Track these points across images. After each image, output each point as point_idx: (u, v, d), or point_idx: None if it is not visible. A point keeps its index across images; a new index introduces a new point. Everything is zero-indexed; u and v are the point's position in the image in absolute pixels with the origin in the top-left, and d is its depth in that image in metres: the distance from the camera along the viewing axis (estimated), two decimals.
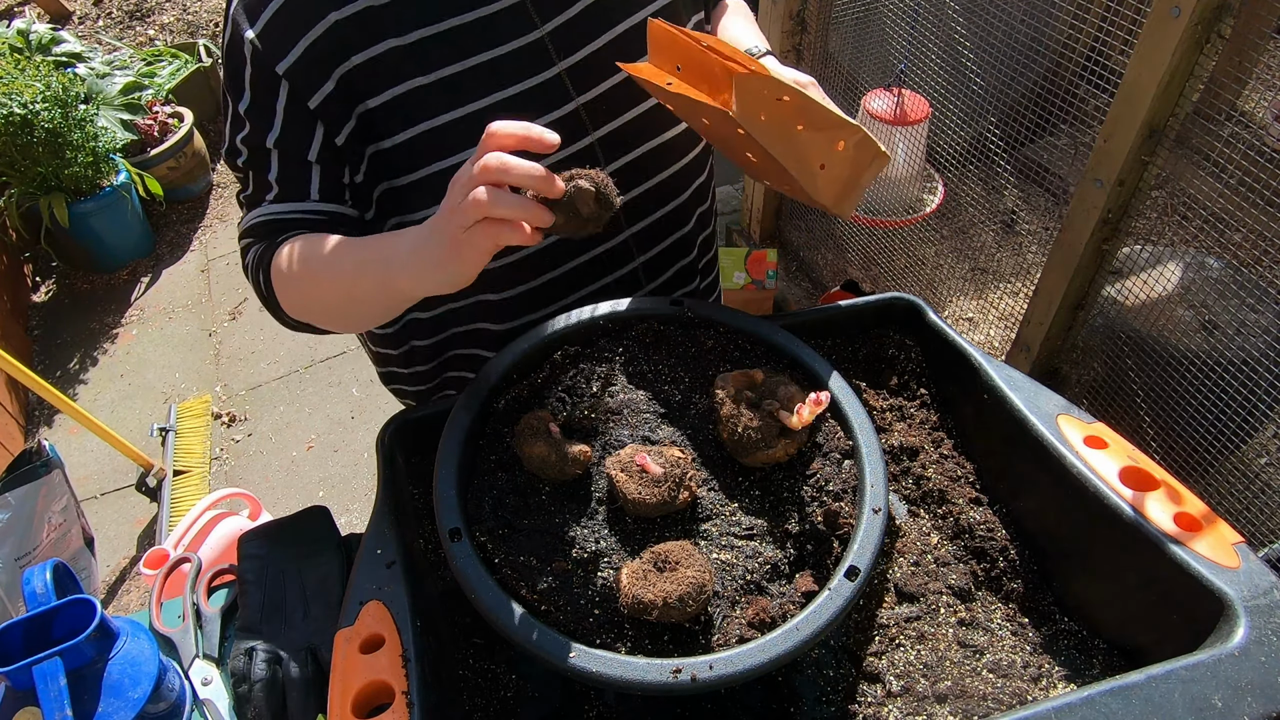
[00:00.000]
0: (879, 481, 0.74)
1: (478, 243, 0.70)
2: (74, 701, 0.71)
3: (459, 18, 0.86)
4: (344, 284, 0.81)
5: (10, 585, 1.85)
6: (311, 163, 0.87)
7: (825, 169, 0.79)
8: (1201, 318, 1.45)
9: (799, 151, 0.76)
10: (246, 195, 0.91)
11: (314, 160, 0.87)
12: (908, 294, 0.99)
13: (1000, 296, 2.03)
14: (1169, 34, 1.18)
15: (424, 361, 1.12)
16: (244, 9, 0.84)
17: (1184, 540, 0.70)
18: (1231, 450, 1.40)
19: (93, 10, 4.67)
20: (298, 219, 0.88)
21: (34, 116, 2.88)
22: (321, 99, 0.84)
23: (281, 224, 0.89)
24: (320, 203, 0.88)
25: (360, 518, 2.44)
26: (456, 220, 0.70)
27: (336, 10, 0.83)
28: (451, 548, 0.70)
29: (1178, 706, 0.60)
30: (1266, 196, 1.25)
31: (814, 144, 0.77)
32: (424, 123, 0.87)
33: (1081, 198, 1.42)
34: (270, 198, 0.88)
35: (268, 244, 0.88)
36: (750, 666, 0.62)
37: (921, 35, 1.91)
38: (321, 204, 0.88)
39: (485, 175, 0.68)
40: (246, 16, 0.83)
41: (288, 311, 0.89)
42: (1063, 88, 1.60)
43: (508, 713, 0.77)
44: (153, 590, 0.98)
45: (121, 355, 3.11)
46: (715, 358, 0.87)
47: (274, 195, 0.88)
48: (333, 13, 0.82)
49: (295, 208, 0.88)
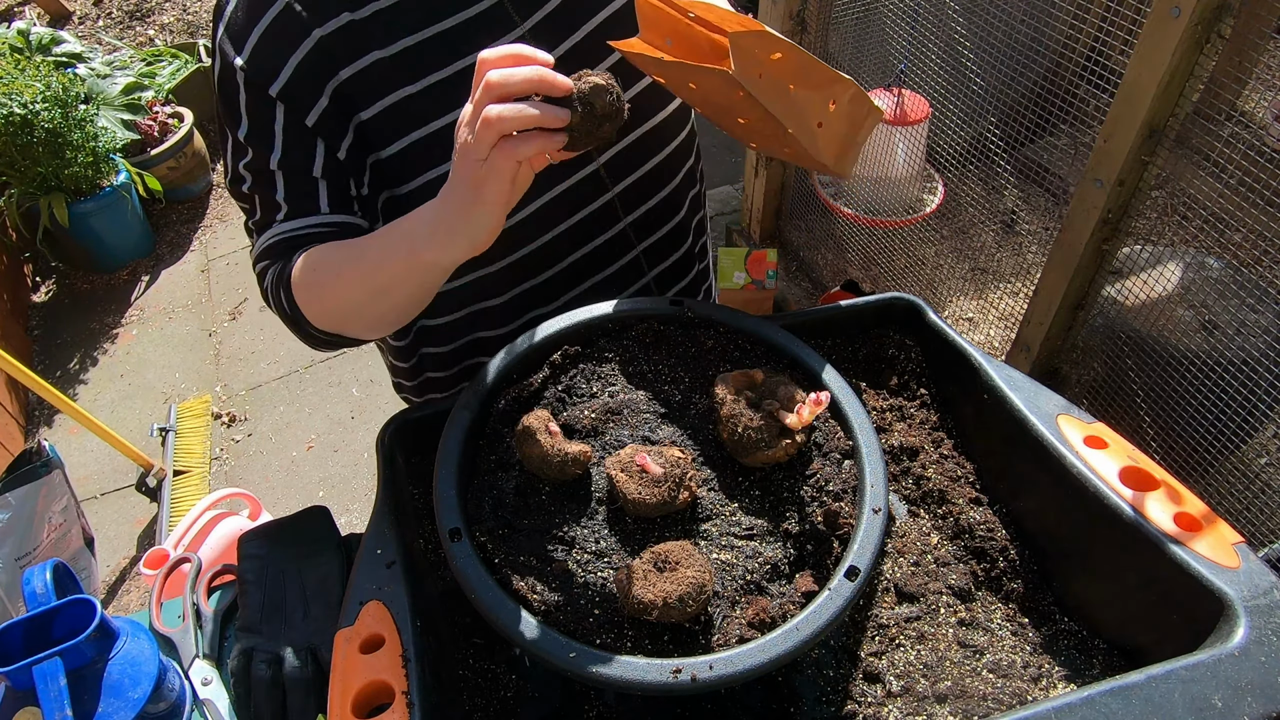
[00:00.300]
0: (879, 481, 0.74)
1: (498, 166, 0.66)
2: (74, 701, 0.71)
3: (439, 24, 0.87)
4: (369, 274, 0.79)
5: (10, 585, 1.85)
6: (318, 178, 0.86)
7: (823, 127, 0.78)
8: (1201, 318, 1.45)
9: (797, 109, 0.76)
10: (255, 221, 0.90)
11: (320, 175, 0.86)
12: (908, 294, 0.99)
13: (1000, 296, 2.03)
14: (1169, 34, 1.18)
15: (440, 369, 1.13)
16: (229, 37, 0.83)
17: (1184, 540, 0.70)
18: (1231, 450, 1.40)
19: (93, 10, 4.67)
20: (311, 234, 0.87)
21: (34, 116, 2.88)
22: (318, 115, 0.84)
23: (295, 240, 0.87)
24: (331, 214, 0.87)
25: (360, 518, 2.44)
26: (472, 153, 0.67)
27: (320, 26, 0.83)
28: (451, 548, 0.70)
29: (1178, 706, 0.60)
30: (1266, 196, 1.25)
31: (811, 101, 0.76)
32: (417, 130, 0.87)
33: (1081, 198, 1.42)
34: (280, 217, 0.87)
35: (284, 262, 0.87)
36: (750, 666, 0.62)
37: (921, 35, 1.91)
38: (333, 215, 0.87)
39: (488, 94, 0.65)
40: (232, 44, 0.83)
41: (315, 323, 0.86)
42: (1063, 88, 1.60)
43: (508, 713, 0.77)
44: (153, 590, 0.98)
45: (121, 355, 3.11)
46: (715, 358, 0.87)
47: (284, 214, 0.87)
48: (316, 29, 0.83)
49: (307, 223, 0.87)
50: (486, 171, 0.67)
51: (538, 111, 0.65)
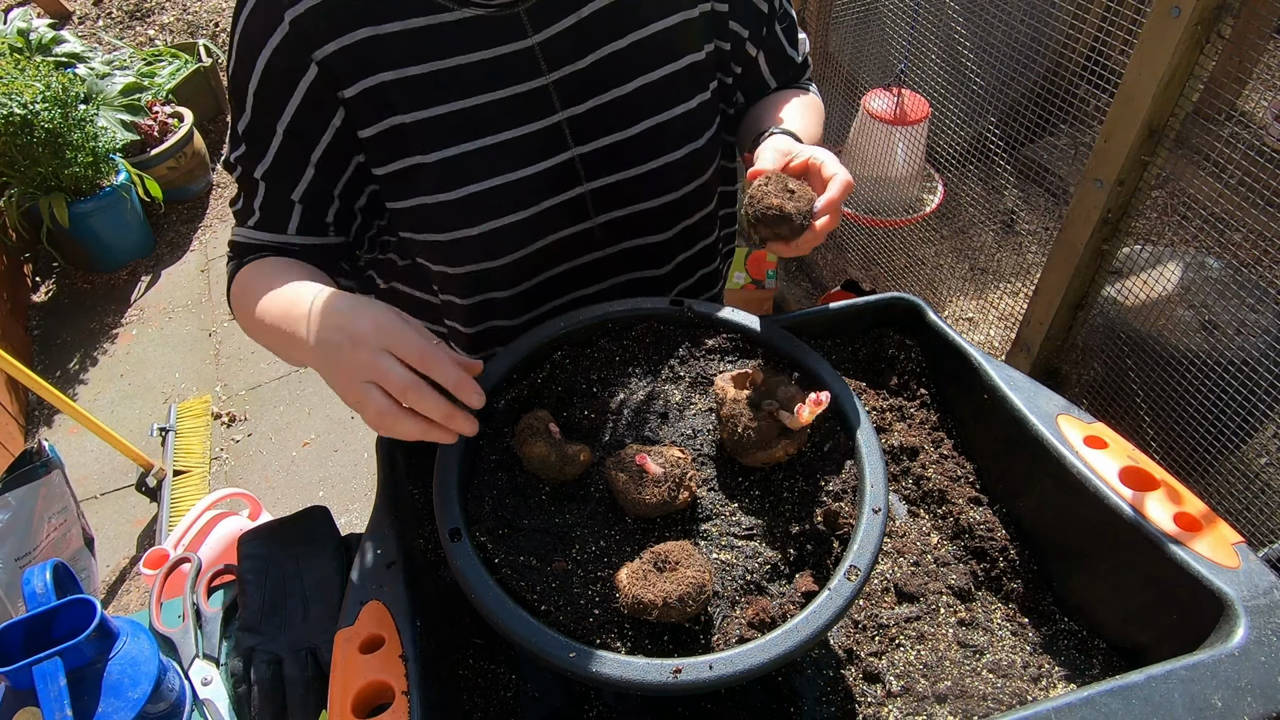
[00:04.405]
0: (879, 481, 0.74)
1: (369, 411, 0.70)
2: (74, 701, 0.71)
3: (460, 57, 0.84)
4: (273, 329, 0.81)
5: (10, 585, 1.85)
6: (295, 201, 0.89)
7: None
8: (1201, 318, 1.45)
9: None
10: (237, 209, 0.94)
11: (298, 200, 0.89)
12: (908, 294, 0.99)
13: (1000, 296, 2.03)
14: (1169, 34, 1.18)
15: None
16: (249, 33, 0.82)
17: (1184, 540, 0.70)
18: (1231, 450, 1.40)
19: (93, 10, 4.67)
20: (270, 246, 0.92)
21: (34, 116, 2.88)
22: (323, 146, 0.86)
23: (255, 248, 0.92)
24: (298, 236, 0.91)
25: (360, 518, 2.44)
26: (365, 395, 0.69)
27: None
28: (451, 548, 0.70)
29: (1178, 707, 0.60)
30: (1266, 196, 1.25)
31: None
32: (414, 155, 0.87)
33: (1081, 198, 1.42)
34: (252, 223, 0.92)
35: (239, 261, 0.92)
36: (750, 666, 0.62)
37: (921, 35, 1.91)
38: (298, 238, 0.91)
39: (415, 365, 0.69)
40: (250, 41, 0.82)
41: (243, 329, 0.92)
42: (1063, 88, 1.60)
43: (508, 713, 0.77)
44: (153, 590, 0.98)
45: (121, 355, 3.10)
46: (715, 358, 0.87)
47: (255, 221, 0.91)
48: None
49: (272, 238, 0.91)
50: (358, 399, 0.70)
51: (446, 432, 0.71)
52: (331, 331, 0.72)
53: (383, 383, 0.68)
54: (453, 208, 0.89)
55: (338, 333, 0.71)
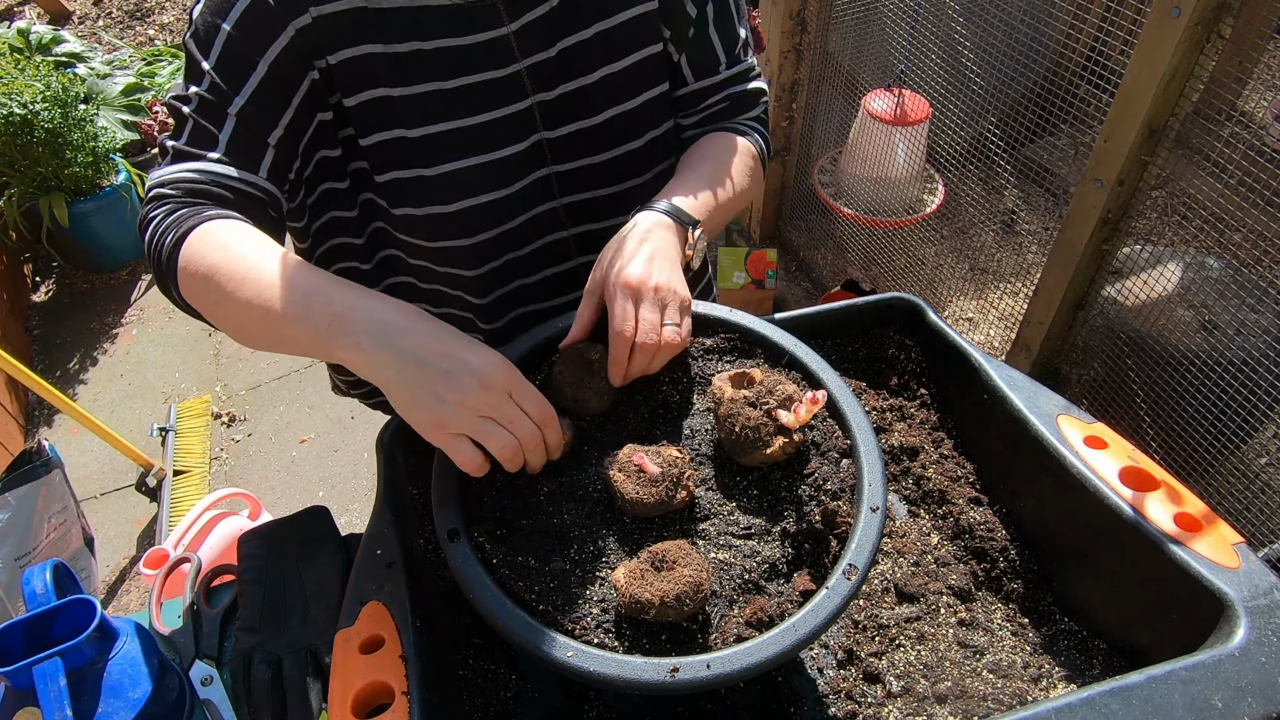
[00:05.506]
0: (877, 480, 0.73)
1: (446, 439, 0.70)
2: (74, 701, 0.71)
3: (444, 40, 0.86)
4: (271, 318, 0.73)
5: (10, 585, 1.85)
6: (270, 144, 0.83)
7: None
8: (1201, 318, 1.45)
9: None
10: (178, 144, 0.82)
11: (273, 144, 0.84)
12: (908, 294, 0.99)
13: (1000, 296, 2.03)
14: (1169, 34, 1.18)
15: None
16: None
17: (1184, 540, 0.70)
18: (1231, 450, 1.40)
19: (93, 10, 4.67)
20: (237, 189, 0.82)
21: (34, 116, 2.88)
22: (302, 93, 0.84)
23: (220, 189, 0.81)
24: (266, 181, 0.84)
25: (360, 518, 2.44)
26: (449, 415, 0.69)
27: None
28: (450, 548, 0.70)
29: (1178, 707, 0.59)
30: (1266, 196, 1.25)
31: None
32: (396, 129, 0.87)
33: (1081, 198, 1.42)
34: (214, 156, 0.81)
35: (192, 210, 0.79)
36: (748, 665, 0.61)
37: (921, 35, 1.91)
38: (266, 183, 0.84)
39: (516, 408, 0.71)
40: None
41: (183, 294, 0.79)
42: (1063, 88, 1.60)
43: (508, 713, 0.77)
44: (153, 590, 0.98)
45: (121, 355, 3.11)
46: (713, 357, 0.87)
47: (219, 156, 0.82)
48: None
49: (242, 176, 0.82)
50: (473, 431, 0.69)
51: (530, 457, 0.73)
52: (440, 359, 0.69)
53: (511, 428, 0.70)
54: (433, 183, 0.90)
55: (451, 363, 0.69)
